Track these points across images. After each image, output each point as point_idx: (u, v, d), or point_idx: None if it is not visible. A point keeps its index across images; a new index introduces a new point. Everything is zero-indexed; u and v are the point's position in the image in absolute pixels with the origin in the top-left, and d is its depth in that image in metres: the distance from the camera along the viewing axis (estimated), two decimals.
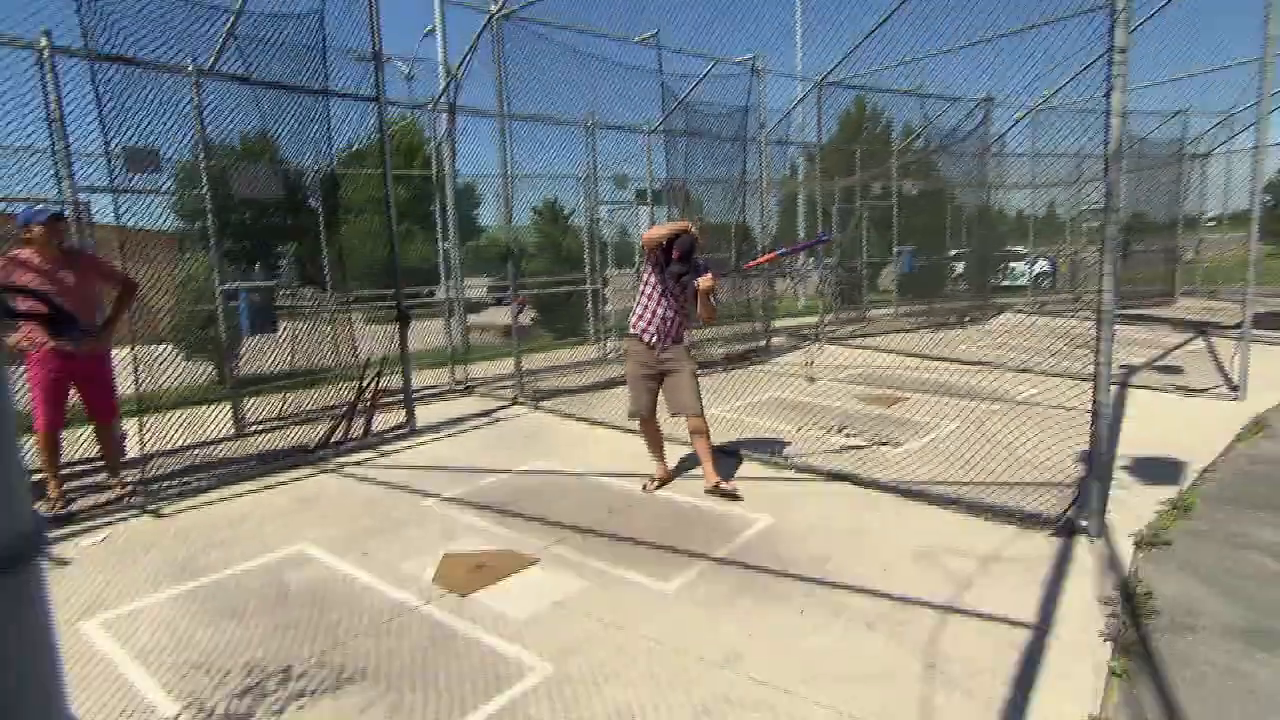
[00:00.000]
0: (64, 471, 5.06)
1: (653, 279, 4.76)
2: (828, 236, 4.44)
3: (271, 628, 3.23)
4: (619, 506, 4.59)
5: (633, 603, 3.37)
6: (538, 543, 4.07)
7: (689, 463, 5.42)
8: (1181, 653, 2.82)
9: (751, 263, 4.64)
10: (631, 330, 4.88)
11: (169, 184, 6.08)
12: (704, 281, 4.62)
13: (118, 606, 3.49)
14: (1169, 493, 4.45)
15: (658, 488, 4.85)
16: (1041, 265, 17.52)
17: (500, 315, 14.55)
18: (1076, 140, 4.49)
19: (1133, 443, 5.49)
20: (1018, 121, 13.64)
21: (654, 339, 4.78)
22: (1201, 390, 7.11)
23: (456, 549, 4.02)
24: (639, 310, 4.84)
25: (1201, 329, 11.28)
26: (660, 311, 4.76)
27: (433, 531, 4.29)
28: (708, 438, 4.78)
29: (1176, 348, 9.78)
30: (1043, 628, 3.02)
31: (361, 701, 2.68)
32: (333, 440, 6.03)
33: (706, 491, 4.65)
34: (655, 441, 4.99)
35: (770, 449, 5.56)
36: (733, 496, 4.57)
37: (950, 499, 4.38)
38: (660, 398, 4.92)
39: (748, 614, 3.23)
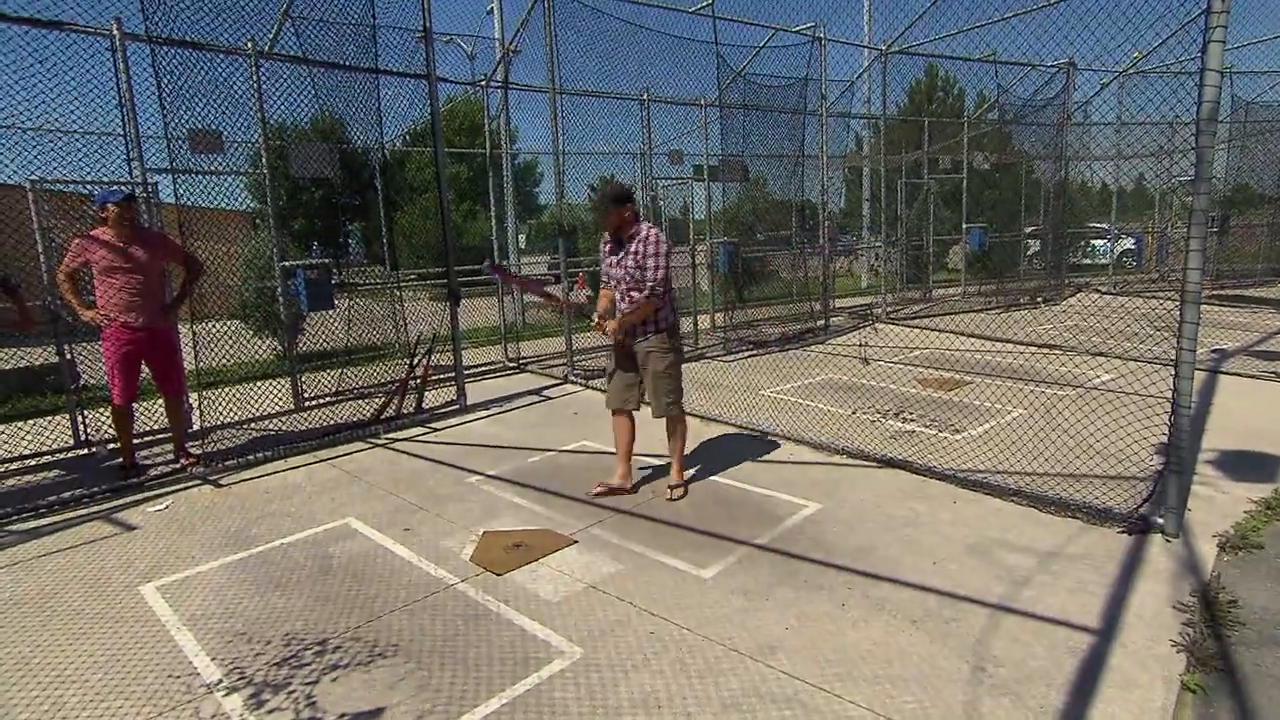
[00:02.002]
0: (135, 441, 5.30)
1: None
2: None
3: (312, 600, 3.30)
4: (662, 489, 4.51)
5: (668, 588, 3.29)
6: (577, 523, 4.03)
7: (728, 449, 5.30)
8: (1270, 670, 2.56)
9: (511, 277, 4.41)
10: None
11: (238, 165, 6.27)
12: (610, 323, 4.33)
13: (174, 572, 3.63)
14: (1263, 490, 4.06)
15: (602, 494, 4.39)
16: (1126, 243, 16.41)
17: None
18: (1171, 108, 4.10)
19: (1222, 434, 5.06)
20: (1103, 88, 12.72)
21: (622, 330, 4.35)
22: None
23: (496, 527, 4.02)
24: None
25: None
26: (618, 301, 4.38)
27: (474, 509, 4.31)
28: (679, 439, 4.43)
29: (1279, 331, 9.00)
30: (1106, 633, 2.79)
31: (391, 677, 2.69)
32: (384, 416, 6.14)
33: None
34: (620, 441, 4.50)
35: (821, 433, 5.37)
36: (680, 494, 4.37)
37: (1011, 490, 4.12)
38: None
39: (786, 605, 3.10)
